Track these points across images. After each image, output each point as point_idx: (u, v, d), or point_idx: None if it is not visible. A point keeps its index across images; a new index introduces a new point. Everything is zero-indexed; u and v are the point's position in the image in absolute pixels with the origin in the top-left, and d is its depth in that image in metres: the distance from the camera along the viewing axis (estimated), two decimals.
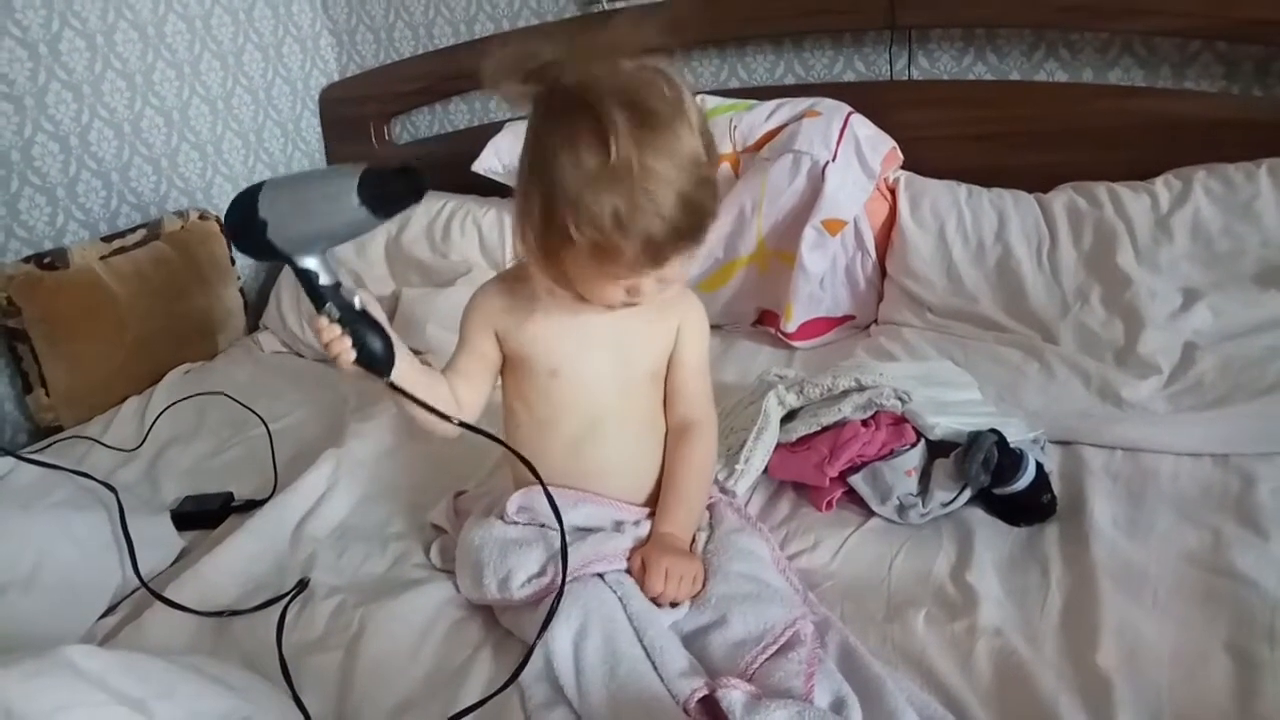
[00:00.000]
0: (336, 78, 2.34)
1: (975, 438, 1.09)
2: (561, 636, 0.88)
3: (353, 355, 0.89)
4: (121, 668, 0.71)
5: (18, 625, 0.99)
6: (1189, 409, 1.29)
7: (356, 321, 0.89)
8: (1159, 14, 1.58)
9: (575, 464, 1.04)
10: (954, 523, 1.10)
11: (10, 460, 1.21)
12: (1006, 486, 1.08)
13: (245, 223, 0.84)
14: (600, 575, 0.96)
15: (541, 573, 0.96)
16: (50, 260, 1.61)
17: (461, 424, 0.96)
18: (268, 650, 0.96)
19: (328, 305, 0.88)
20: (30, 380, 1.61)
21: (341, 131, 2.31)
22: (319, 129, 2.31)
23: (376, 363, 0.91)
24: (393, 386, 0.93)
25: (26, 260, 1.60)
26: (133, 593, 1.11)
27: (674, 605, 0.96)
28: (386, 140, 2.28)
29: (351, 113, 2.27)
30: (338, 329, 0.89)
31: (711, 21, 1.88)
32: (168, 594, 1.05)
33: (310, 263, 0.87)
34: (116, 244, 1.74)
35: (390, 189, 0.82)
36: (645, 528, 1.03)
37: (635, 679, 0.84)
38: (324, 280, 0.87)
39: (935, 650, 0.91)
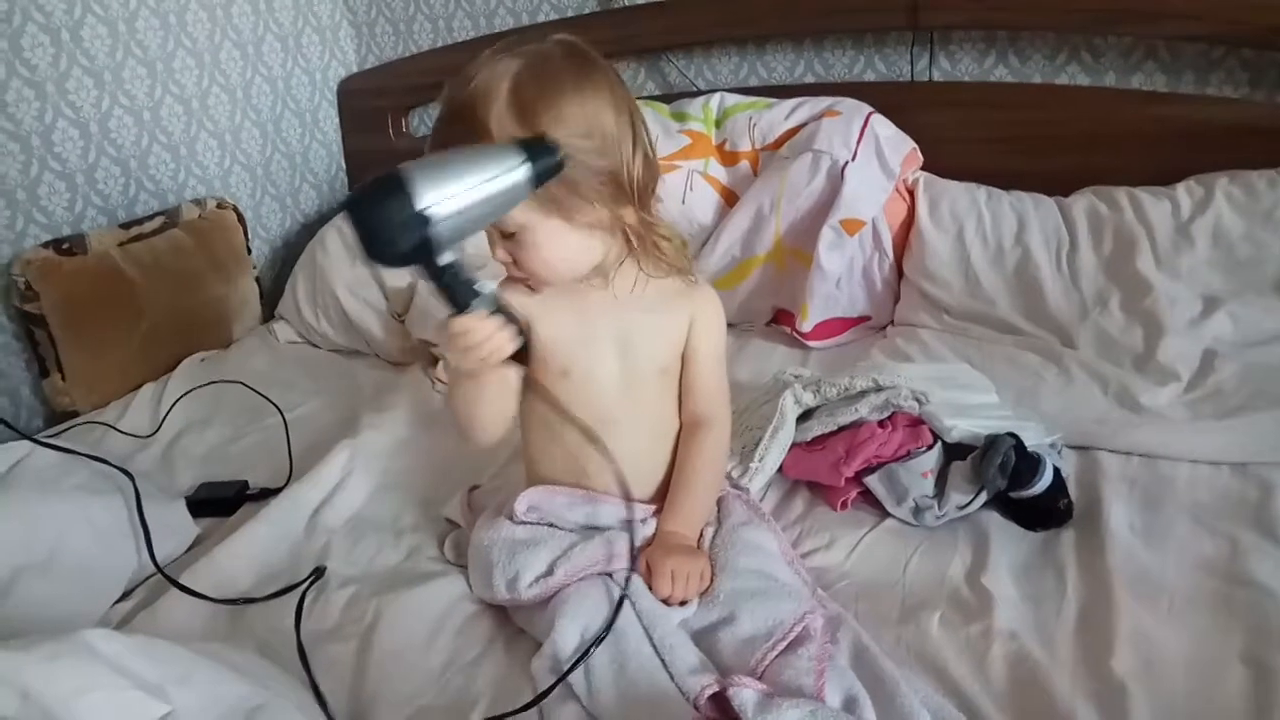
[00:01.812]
0: (355, 69, 2.34)
1: (992, 441, 1.09)
2: (570, 636, 0.88)
3: (515, 345, 0.82)
4: (139, 652, 0.71)
5: (34, 608, 0.99)
6: (1208, 416, 1.28)
7: (506, 309, 0.81)
8: (1183, 19, 1.57)
9: (585, 463, 1.03)
10: (970, 526, 1.10)
11: (27, 444, 1.21)
12: (1023, 490, 1.07)
13: (395, 222, 0.73)
14: (609, 574, 0.95)
15: (549, 573, 0.96)
16: (68, 246, 1.62)
17: (587, 435, 0.91)
18: (282, 638, 0.96)
19: (476, 299, 0.80)
20: (47, 365, 1.61)
21: (359, 123, 2.31)
22: (337, 120, 2.31)
23: (526, 349, 0.83)
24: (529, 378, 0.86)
25: (45, 246, 1.60)
26: (148, 578, 1.11)
27: (683, 604, 0.95)
28: (404, 133, 2.28)
29: (369, 104, 2.27)
30: (491, 324, 0.81)
31: (732, 19, 1.87)
32: (183, 580, 1.05)
33: (449, 257, 0.78)
34: (134, 231, 1.74)
35: (550, 163, 0.79)
36: (653, 526, 1.03)
37: (644, 677, 0.84)
38: (465, 274, 0.79)
39: (950, 653, 0.91)
